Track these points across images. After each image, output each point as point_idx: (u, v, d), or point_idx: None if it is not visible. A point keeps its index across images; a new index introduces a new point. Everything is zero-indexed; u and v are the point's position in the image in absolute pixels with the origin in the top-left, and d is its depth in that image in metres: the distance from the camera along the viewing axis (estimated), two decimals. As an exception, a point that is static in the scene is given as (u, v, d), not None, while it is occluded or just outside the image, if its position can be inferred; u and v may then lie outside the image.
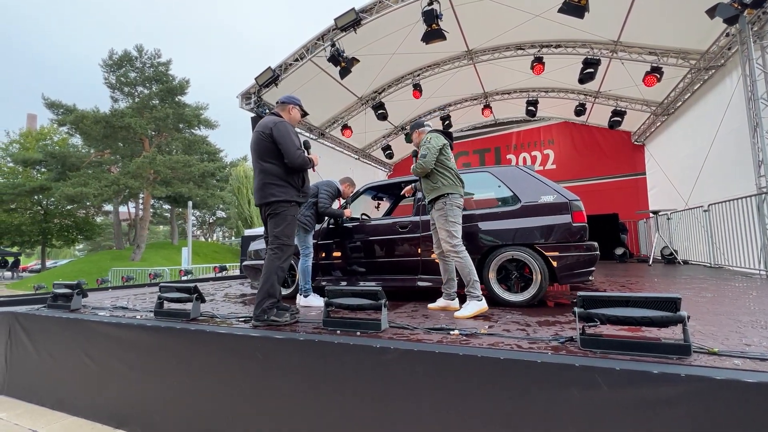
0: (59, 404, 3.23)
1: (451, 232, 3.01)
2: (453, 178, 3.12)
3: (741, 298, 3.31)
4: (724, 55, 6.42)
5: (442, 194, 3.07)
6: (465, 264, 2.96)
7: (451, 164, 3.18)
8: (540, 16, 7.05)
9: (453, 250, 2.99)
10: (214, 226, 44.32)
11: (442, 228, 3.06)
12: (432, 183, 3.13)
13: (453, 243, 2.99)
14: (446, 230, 3.03)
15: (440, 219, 3.07)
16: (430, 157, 3.08)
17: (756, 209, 5.16)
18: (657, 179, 10.06)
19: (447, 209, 3.05)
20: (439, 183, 3.10)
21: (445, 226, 3.04)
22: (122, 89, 25.31)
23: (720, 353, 1.69)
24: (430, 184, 3.14)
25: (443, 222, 3.05)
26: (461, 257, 2.97)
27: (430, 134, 3.22)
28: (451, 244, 2.99)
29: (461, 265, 2.98)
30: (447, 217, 3.04)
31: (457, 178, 3.16)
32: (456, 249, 2.98)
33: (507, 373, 1.74)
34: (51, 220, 26.63)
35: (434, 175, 3.13)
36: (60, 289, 3.87)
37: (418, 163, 3.13)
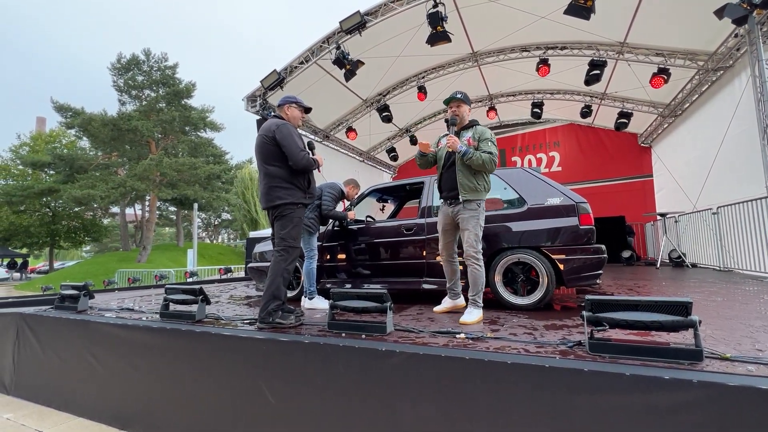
0: (65, 405, 3.25)
1: (479, 237, 2.89)
2: (489, 184, 3.00)
3: (752, 302, 3.26)
4: (733, 56, 6.35)
5: (479, 199, 2.91)
6: (481, 273, 2.88)
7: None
8: (545, 18, 7.02)
9: (475, 255, 2.87)
10: (220, 228, 44.58)
11: (471, 231, 2.87)
12: (476, 182, 2.91)
13: (477, 248, 2.88)
14: (475, 234, 2.88)
15: (471, 220, 2.88)
16: (495, 157, 2.87)
17: (766, 211, 5.08)
18: (664, 181, 9.96)
19: (480, 212, 2.90)
20: (482, 186, 2.92)
21: (476, 229, 2.88)
22: (130, 92, 25.60)
23: (733, 359, 1.66)
24: (474, 183, 2.90)
25: (473, 224, 2.88)
26: (479, 266, 2.87)
27: (490, 131, 3.00)
28: (475, 249, 2.87)
29: (478, 272, 2.86)
30: (478, 220, 2.89)
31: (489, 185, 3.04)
32: (477, 255, 2.87)
33: (514, 377, 1.72)
34: (59, 222, 26.95)
35: (480, 176, 2.93)
36: (67, 290, 3.90)
37: (488, 158, 2.82)
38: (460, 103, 3.01)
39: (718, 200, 6.70)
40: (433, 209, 3.88)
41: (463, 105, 3.02)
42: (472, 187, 2.88)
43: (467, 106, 3.05)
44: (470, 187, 2.88)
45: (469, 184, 2.89)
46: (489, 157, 2.80)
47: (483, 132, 2.94)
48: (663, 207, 9.70)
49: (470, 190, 2.88)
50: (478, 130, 2.97)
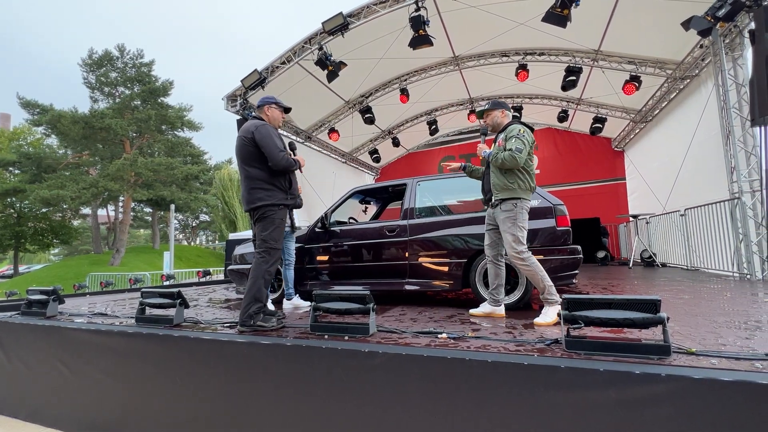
0: (33, 416, 3.11)
1: (517, 237, 2.74)
2: (531, 183, 2.85)
3: (716, 299, 3.44)
4: (699, 65, 6.69)
5: (515, 197, 2.80)
6: (535, 270, 2.71)
7: (533, 168, 2.89)
8: (524, 25, 7.21)
9: (518, 257, 2.73)
10: (198, 230, 43.47)
11: (508, 232, 2.77)
12: (507, 181, 2.82)
13: (519, 249, 2.73)
14: (512, 234, 2.75)
15: (507, 221, 2.78)
16: (525, 154, 2.75)
17: (729, 214, 5.36)
18: (636, 184, 10.36)
19: (517, 212, 2.77)
20: (515, 184, 2.80)
21: (512, 230, 2.76)
22: (102, 89, 24.70)
23: (698, 353, 1.75)
24: (505, 182, 2.82)
25: (510, 225, 2.77)
26: (528, 264, 2.71)
27: (522, 127, 2.87)
28: (517, 251, 2.73)
29: (531, 272, 2.72)
30: (516, 221, 2.76)
31: (534, 181, 2.90)
32: (521, 256, 2.72)
33: (494, 375, 1.76)
34: (25, 224, 25.61)
35: (513, 174, 2.82)
36: (35, 295, 3.73)
37: (508, 155, 2.74)
38: (487, 113, 3.07)
39: (685, 203, 7.03)
40: (415, 211, 3.92)
41: (492, 112, 3.05)
42: (503, 186, 2.83)
43: (497, 111, 3.04)
44: (501, 186, 2.84)
45: (500, 184, 2.85)
46: (508, 154, 2.74)
47: (510, 130, 2.88)
48: (635, 209, 10.09)
49: (502, 189, 2.84)
50: (508, 129, 2.91)
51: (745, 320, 2.49)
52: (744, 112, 5.30)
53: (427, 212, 3.96)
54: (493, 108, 3.05)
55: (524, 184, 2.82)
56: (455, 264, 3.56)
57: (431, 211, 3.99)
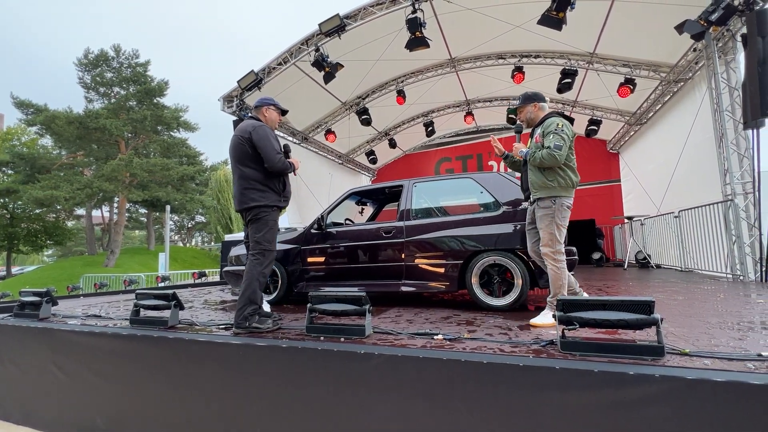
0: (26, 419, 3.07)
1: (554, 236, 2.67)
2: (572, 179, 2.72)
3: (710, 300, 3.46)
4: (692, 68, 6.75)
5: (554, 195, 2.70)
6: (560, 274, 2.65)
7: (574, 162, 2.76)
8: (520, 27, 7.25)
9: (552, 255, 2.66)
10: (193, 231, 43.22)
11: (545, 229, 2.69)
12: (547, 179, 2.70)
13: (555, 248, 2.66)
14: (550, 232, 2.67)
15: (545, 218, 2.69)
16: (565, 150, 2.63)
17: (722, 216, 5.41)
18: (631, 186, 10.43)
19: (556, 209, 2.67)
20: (555, 182, 2.69)
21: (550, 227, 2.67)
22: (97, 89, 24.49)
23: (691, 354, 1.76)
24: (544, 180, 2.71)
25: (548, 222, 2.68)
26: (558, 266, 2.65)
27: (560, 119, 2.74)
28: (553, 249, 2.66)
29: (557, 274, 2.66)
30: (554, 218, 2.67)
31: (577, 178, 2.76)
32: (555, 255, 2.65)
33: (490, 376, 1.77)
34: (18, 225, 25.35)
35: (553, 171, 2.69)
36: (28, 296, 3.69)
37: (546, 153, 2.62)
38: (520, 109, 2.96)
39: (680, 204, 7.08)
40: (411, 212, 3.93)
41: (525, 107, 2.93)
42: (542, 184, 2.72)
43: (529, 106, 2.91)
44: (539, 184, 2.74)
45: (538, 182, 2.75)
46: (546, 152, 2.63)
47: (549, 125, 2.74)
48: (630, 210, 10.16)
49: (540, 187, 2.73)
50: (545, 124, 2.78)
51: (737, 321, 2.52)
52: (737, 115, 5.36)
53: (424, 213, 3.97)
54: (525, 103, 2.93)
55: (564, 181, 2.70)
56: (451, 265, 3.57)
57: (427, 212, 4.00)
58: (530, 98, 2.92)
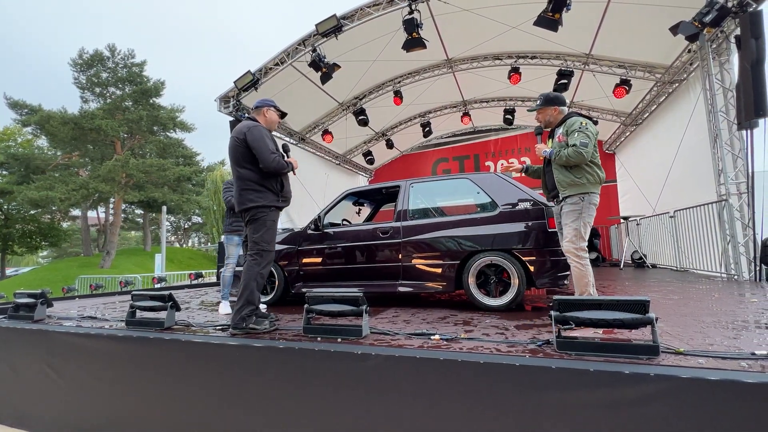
0: (20, 421, 3.05)
1: (579, 233, 2.66)
2: (599, 175, 2.73)
3: (704, 299, 3.49)
4: (687, 70, 6.80)
5: (583, 192, 2.69)
6: (585, 271, 2.62)
7: (599, 159, 2.77)
8: (516, 28, 7.28)
9: (575, 252, 2.65)
10: (190, 232, 43.04)
11: (570, 225, 2.69)
12: (575, 176, 2.70)
13: (579, 245, 2.65)
14: (575, 229, 2.66)
15: (572, 215, 2.69)
16: (591, 148, 2.64)
17: (717, 216, 5.45)
18: (627, 186, 10.49)
19: (583, 206, 2.68)
20: (584, 179, 2.69)
21: (575, 224, 2.67)
22: (93, 90, 24.37)
23: (686, 353, 1.78)
24: (572, 178, 2.71)
25: (575, 219, 2.67)
26: (582, 263, 2.63)
27: (582, 118, 2.76)
28: (576, 246, 2.65)
29: (581, 273, 2.63)
30: (581, 215, 2.67)
31: (603, 174, 2.78)
32: (579, 253, 2.64)
33: (486, 376, 1.77)
34: (12, 226, 25.15)
35: (580, 168, 2.70)
36: (22, 298, 3.67)
37: (572, 152, 2.63)
38: (540, 110, 2.98)
39: (675, 204, 7.13)
40: (408, 213, 3.93)
41: (546, 110, 2.95)
42: (570, 182, 2.72)
43: (550, 110, 2.93)
44: (567, 182, 2.74)
45: (565, 180, 2.74)
46: (572, 150, 2.64)
47: (571, 124, 2.75)
48: (626, 211, 10.22)
49: (568, 185, 2.73)
50: (567, 123, 2.80)
51: (732, 320, 2.54)
52: (731, 116, 5.40)
53: (421, 214, 3.97)
54: (546, 104, 2.94)
55: (593, 177, 2.71)
56: (448, 266, 3.58)
57: (424, 212, 4.01)
58: (552, 101, 2.94)
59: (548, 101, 2.94)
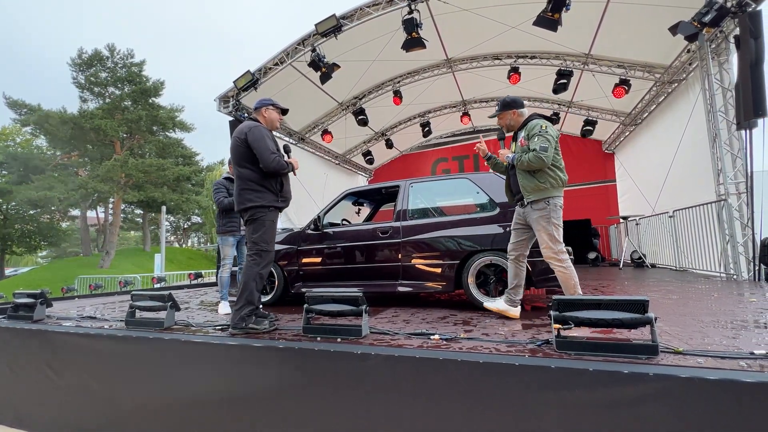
0: (19, 421, 3.05)
1: (553, 236, 2.66)
2: (562, 178, 2.75)
3: (703, 299, 3.50)
4: (686, 69, 6.81)
5: (547, 196, 2.71)
6: (569, 274, 2.64)
7: (562, 162, 2.78)
8: (516, 28, 7.28)
9: (555, 257, 2.66)
10: (189, 232, 43.02)
11: (543, 231, 2.69)
12: (538, 181, 2.71)
13: (556, 249, 2.66)
14: (548, 233, 2.67)
15: (541, 220, 2.70)
16: (551, 152, 2.65)
17: (716, 215, 5.46)
18: (626, 186, 10.50)
19: (551, 210, 2.69)
20: (547, 183, 2.70)
21: (548, 228, 2.67)
22: (92, 89, 24.35)
23: (684, 352, 1.78)
24: (536, 183, 2.71)
25: (545, 224, 2.68)
26: (564, 266, 2.64)
27: (543, 121, 2.78)
28: (554, 250, 2.66)
29: (565, 275, 2.65)
30: (550, 219, 2.68)
31: (566, 176, 2.79)
32: (559, 256, 2.65)
33: (486, 376, 1.77)
34: (11, 226, 25.11)
35: (543, 173, 2.71)
36: (22, 298, 3.67)
37: (533, 156, 2.64)
38: (499, 116, 3.01)
39: (674, 204, 7.13)
40: (408, 213, 3.94)
41: (505, 114, 2.98)
42: (534, 187, 2.74)
43: (508, 113, 2.97)
44: (531, 187, 2.75)
45: (530, 185, 2.75)
46: (533, 155, 2.65)
47: (532, 127, 2.77)
48: (625, 210, 10.22)
49: (533, 190, 2.74)
50: (528, 127, 2.81)
51: (731, 320, 2.54)
52: (730, 116, 5.40)
53: (420, 214, 3.98)
54: (504, 109, 2.97)
55: (555, 181, 2.72)
56: (448, 265, 3.58)
57: (424, 212, 4.01)
58: (509, 105, 2.97)
59: (506, 105, 2.97)
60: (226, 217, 3.98)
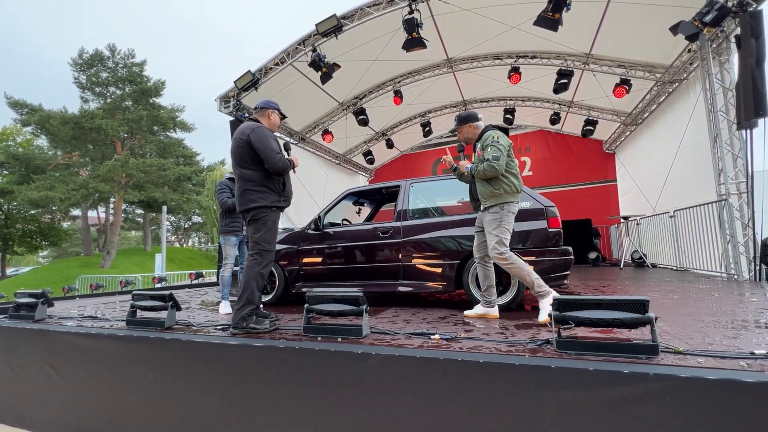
0: (20, 421, 3.06)
1: (501, 239, 2.82)
2: (516, 184, 2.91)
3: (704, 299, 3.49)
4: (687, 69, 6.80)
5: (501, 202, 2.87)
6: (519, 267, 2.79)
7: (516, 168, 2.96)
8: (517, 28, 7.28)
9: (500, 257, 2.82)
10: (190, 232, 43.05)
11: (492, 233, 2.85)
12: (494, 188, 2.89)
13: (501, 250, 2.81)
14: (496, 236, 2.83)
15: (492, 223, 2.86)
16: (503, 161, 2.83)
17: (717, 215, 5.45)
18: (627, 186, 10.49)
19: (503, 215, 2.85)
20: (501, 189, 2.87)
21: (497, 232, 2.83)
22: (93, 89, 24.38)
23: (685, 352, 1.78)
24: (491, 189, 2.89)
25: (495, 227, 2.85)
26: (511, 262, 2.80)
27: (495, 132, 2.96)
28: (499, 251, 2.82)
29: (516, 270, 2.81)
30: (501, 223, 2.84)
31: (520, 183, 2.95)
32: (504, 256, 2.81)
33: (486, 376, 1.78)
34: (12, 226, 25.16)
35: (497, 180, 2.88)
36: (23, 298, 3.68)
37: (487, 166, 2.83)
38: (458, 129, 3.19)
39: (675, 204, 7.12)
40: (408, 213, 3.94)
41: (462, 128, 3.16)
42: (489, 194, 2.91)
43: (465, 127, 3.15)
44: (488, 193, 2.92)
45: (486, 191, 2.94)
46: (487, 165, 2.83)
47: (485, 139, 2.97)
48: (626, 210, 10.21)
49: (489, 196, 2.92)
50: (483, 138, 3.00)
51: (731, 320, 2.54)
52: (731, 116, 5.40)
53: (421, 214, 3.98)
54: (461, 123, 3.17)
55: (509, 187, 2.88)
56: (448, 265, 3.58)
57: (424, 212, 4.01)
58: (465, 119, 3.16)
59: (461, 120, 3.17)
60: (229, 217, 3.99)
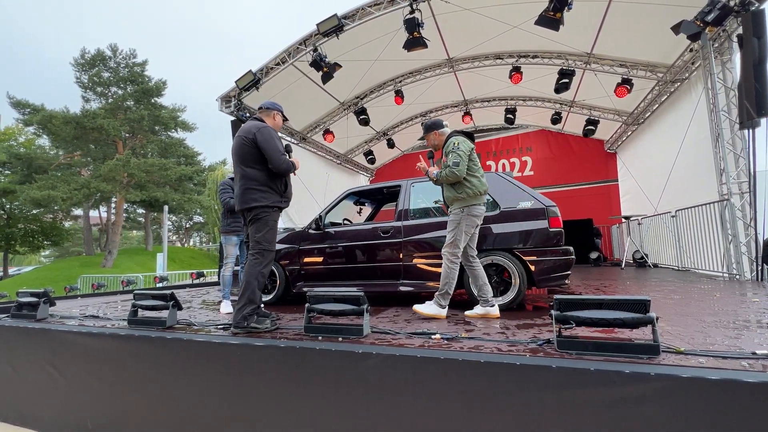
0: (22, 419, 3.07)
1: (456, 241, 2.97)
2: (479, 187, 3.01)
3: (705, 299, 3.48)
4: (688, 69, 6.78)
5: (464, 205, 3.00)
6: (450, 273, 2.97)
7: (479, 171, 3.07)
8: (518, 28, 7.26)
9: (449, 255, 2.97)
10: (191, 231, 43.11)
11: (451, 232, 3.00)
12: (457, 192, 3.02)
13: (452, 251, 2.98)
14: (453, 237, 2.98)
15: (452, 224, 3.02)
16: (463, 166, 2.96)
17: (719, 215, 5.44)
18: (629, 186, 10.47)
19: (463, 217, 2.98)
20: (464, 193, 2.99)
21: (453, 232, 2.99)
22: (95, 89, 24.43)
23: (686, 352, 1.78)
24: (455, 193, 3.03)
25: (452, 228, 3.00)
26: (451, 266, 2.97)
27: (456, 138, 3.09)
28: (451, 251, 2.98)
29: (447, 272, 2.98)
30: (458, 225, 2.98)
31: (482, 185, 3.04)
32: (452, 258, 2.97)
33: (487, 375, 1.77)
34: (15, 225, 25.23)
35: (460, 184, 3.01)
36: (25, 297, 3.68)
37: (448, 171, 2.97)
38: (426, 137, 3.33)
39: (676, 204, 7.11)
40: (409, 212, 3.93)
41: (428, 135, 3.29)
42: (454, 197, 3.05)
43: (431, 134, 3.28)
44: (452, 197, 3.06)
45: (450, 195, 3.07)
46: (448, 170, 2.98)
47: (447, 145, 3.11)
48: (627, 210, 10.19)
49: (453, 200, 3.06)
50: (446, 145, 3.14)
51: (733, 320, 2.54)
52: (733, 115, 5.38)
53: (422, 213, 3.98)
54: (427, 131, 3.30)
55: (471, 190, 2.99)
56: (449, 265, 3.57)
57: (425, 212, 4.01)
58: (430, 127, 3.29)
59: (427, 128, 3.30)
60: (230, 217, 4.00)
